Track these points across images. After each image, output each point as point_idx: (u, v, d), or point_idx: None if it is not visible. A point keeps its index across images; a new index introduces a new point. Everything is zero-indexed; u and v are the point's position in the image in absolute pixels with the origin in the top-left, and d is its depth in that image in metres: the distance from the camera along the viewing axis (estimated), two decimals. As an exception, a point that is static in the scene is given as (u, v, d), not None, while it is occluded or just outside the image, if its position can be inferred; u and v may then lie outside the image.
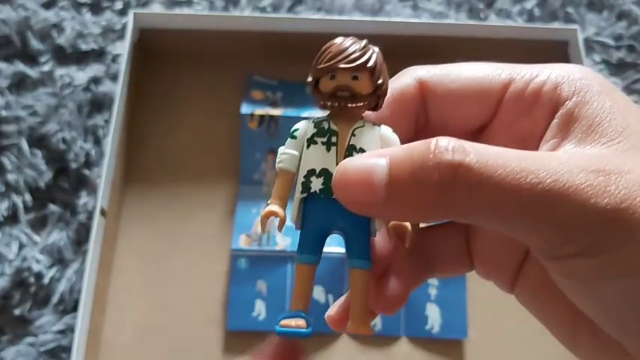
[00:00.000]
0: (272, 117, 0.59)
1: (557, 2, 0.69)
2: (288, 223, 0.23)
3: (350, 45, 0.23)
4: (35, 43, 0.64)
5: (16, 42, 0.64)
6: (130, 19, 0.60)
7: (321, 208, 0.23)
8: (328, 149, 0.23)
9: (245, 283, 0.54)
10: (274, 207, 0.23)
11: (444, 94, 0.25)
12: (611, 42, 0.67)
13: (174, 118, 0.62)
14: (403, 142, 0.25)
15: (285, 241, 0.56)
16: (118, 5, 0.67)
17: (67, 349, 0.51)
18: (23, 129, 0.59)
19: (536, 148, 0.23)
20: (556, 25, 0.68)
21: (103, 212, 0.53)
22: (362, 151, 0.23)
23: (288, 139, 0.24)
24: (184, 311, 0.54)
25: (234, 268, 0.55)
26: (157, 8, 0.67)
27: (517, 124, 0.24)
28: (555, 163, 0.20)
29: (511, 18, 0.68)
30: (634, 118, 0.22)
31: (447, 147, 0.20)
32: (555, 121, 0.23)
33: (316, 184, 0.23)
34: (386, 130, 0.23)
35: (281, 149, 0.24)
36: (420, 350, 0.53)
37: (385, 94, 0.24)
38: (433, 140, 0.20)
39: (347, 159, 0.22)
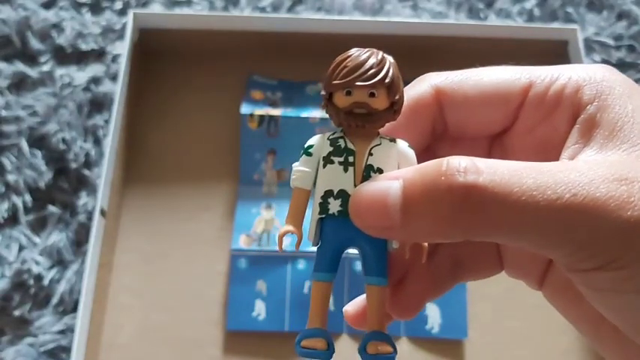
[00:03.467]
0: (272, 117, 0.59)
1: (557, 2, 0.69)
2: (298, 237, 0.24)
3: (367, 59, 0.22)
4: (35, 43, 0.64)
5: (16, 42, 0.64)
6: (129, 19, 0.60)
7: (339, 228, 0.23)
8: (345, 169, 0.22)
9: (245, 283, 0.54)
10: (290, 227, 0.23)
11: (462, 100, 0.24)
12: (611, 42, 0.67)
13: (174, 118, 0.62)
14: (421, 149, 0.25)
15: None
16: (118, 5, 0.67)
17: (67, 350, 0.51)
18: (23, 129, 0.59)
19: (558, 152, 0.23)
20: (556, 25, 0.68)
21: (102, 212, 0.53)
22: (379, 170, 0.22)
23: (303, 155, 0.23)
24: (184, 311, 0.54)
25: (234, 268, 0.55)
26: (156, 8, 0.67)
27: (538, 129, 0.24)
28: (574, 175, 0.19)
29: (511, 18, 0.68)
30: None
31: (458, 167, 0.19)
32: (577, 126, 0.22)
33: (334, 205, 0.22)
34: (402, 146, 0.23)
35: (295, 165, 0.24)
36: (420, 350, 0.53)
37: (401, 107, 0.23)
38: (444, 161, 0.20)
39: (362, 184, 0.22)
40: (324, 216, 0.23)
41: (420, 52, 0.63)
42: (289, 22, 0.62)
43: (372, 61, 0.22)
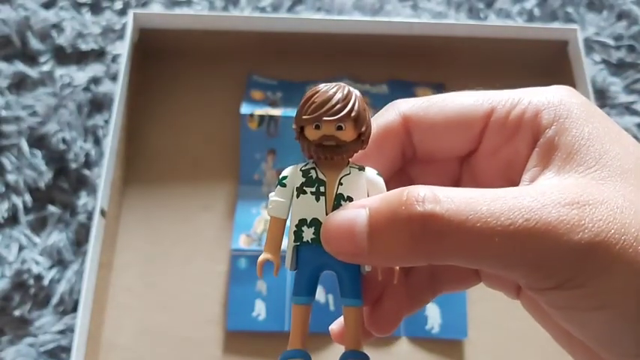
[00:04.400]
0: (272, 117, 0.59)
1: (557, 2, 0.69)
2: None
3: (333, 95, 0.23)
4: (35, 43, 0.64)
5: (16, 42, 0.64)
6: (129, 19, 0.60)
7: (314, 254, 0.24)
8: (317, 199, 0.24)
9: (245, 283, 0.54)
10: (269, 255, 0.25)
11: (428, 126, 0.25)
12: (611, 42, 0.67)
13: (174, 118, 0.62)
14: (392, 173, 0.27)
15: (285, 241, 0.56)
16: (118, 5, 0.67)
17: (67, 350, 0.51)
18: (23, 129, 0.59)
19: (521, 173, 0.24)
20: (556, 25, 0.68)
21: (102, 212, 0.53)
22: (349, 199, 0.24)
23: (278, 186, 0.25)
24: (184, 311, 0.54)
25: (234, 268, 0.55)
26: (156, 8, 0.67)
27: (501, 151, 0.25)
28: (528, 200, 0.20)
29: (511, 18, 0.68)
30: (613, 143, 0.22)
31: (417, 197, 0.20)
32: (536, 149, 0.23)
33: (308, 233, 0.24)
34: (371, 174, 0.25)
35: (271, 195, 0.25)
36: (420, 350, 0.53)
37: (369, 137, 0.24)
38: (405, 190, 0.21)
39: (332, 213, 0.23)
40: (299, 243, 0.24)
41: (420, 52, 0.63)
42: (289, 22, 0.62)
43: (338, 96, 0.23)
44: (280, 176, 0.25)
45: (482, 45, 0.62)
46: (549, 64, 0.64)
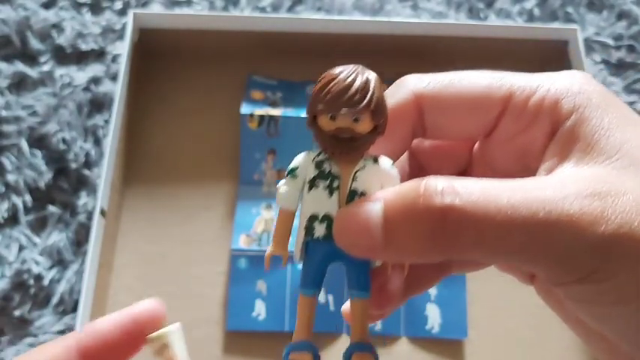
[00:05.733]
0: (272, 117, 0.59)
1: (557, 2, 0.69)
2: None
3: (352, 83, 0.22)
4: (35, 43, 0.64)
5: (16, 42, 0.64)
6: (129, 19, 0.60)
7: (324, 249, 0.23)
8: (330, 194, 0.23)
9: (245, 283, 0.54)
10: (277, 249, 0.25)
11: (443, 108, 0.25)
12: (611, 42, 0.67)
13: (174, 118, 0.62)
14: (401, 153, 0.26)
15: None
16: (118, 5, 0.67)
17: (67, 350, 0.51)
18: (23, 129, 0.59)
19: (537, 160, 0.23)
20: (556, 25, 0.68)
21: (102, 212, 0.53)
22: (363, 194, 0.23)
23: (288, 177, 0.24)
24: (184, 311, 0.54)
25: (234, 268, 0.55)
26: (156, 8, 0.67)
27: (517, 139, 0.24)
28: (549, 192, 0.19)
29: (511, 18, 0.68)
30: (633, 131, 0.22)
31: (435, 189, 0.20)
32: (556, 139, 0.23)
33: (319, 230, 0.23)
34: (385, 166, 0.24)
35: (280, 185, 0.24)
36: (420, 350, 0.53)
37: (385, 128, 0.23)
38: (422, 182, 0.20)
39: (345, 207, 0.22)
40: (310, 239, 0.23)
41: (420, 52, 0.63)
42: (289, 22, 0.62)
43: (356, 85, 0.22)
44: (291, 166, 0.24)
45: (482, 45, 0.62)
46: (549, 64, 0.64)
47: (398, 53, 0.63)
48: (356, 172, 0.23)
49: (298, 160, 0.24)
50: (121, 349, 0.24)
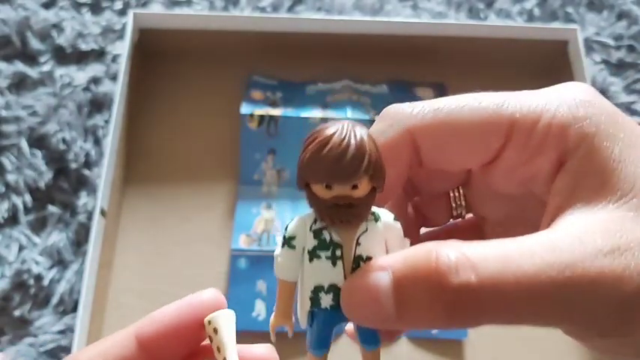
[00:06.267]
0: (272, 117, 0.59)
1: (557, 2, 0.69)
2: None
3: (346, 148, 0.20)
4: (35, 43, 0.64)
5: (16, 42, 0.64)
6: (129, 19, 0.60)
7: (332, 317, 0.22)
8: (334, 264, 0.22)
9: (245, 283, 0.54)
10: (282, 321, 0.24)
11: (440, 144, 0.23)
12: (611, 42, 0.67)
13: (174, 118, 0.62)
14: (397, 189, 0.24)
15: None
16: (118, 5, 0.67)
17: (67, 350, 0.51)
18: (23, 129, 0.59)
19: (542, 187, 0.22)
20: (556, 25, 0.68)
21: (102, 212, 0.53)
22: (369, 259, 0.22)
23: (286, 247, 0.22)
24: (184, 311, 0.54)
25: (234, 268, 0.55)
26: (156, 8, 0.67)
27: (521, 169, 0.23)
28: (567, 254, 0.19)
29: (511, 18, 0.68)
30: None
31: (448, 264, 0.19)
32: (564, 172, 0.22)
33: (326, 300, 0.22)
34: (387, 220, 0.22)
35: (278, 256, 0.23)
36: (420, 350, 0.53)
37: (384, 184, 0.22)
38: (433, 254, 0.19)
39: (351, 279, 0.21)
40: (316, 310, 0.22)
41: (420, 52, 0.63)
42: (289, 22, 0.62)
43: (351, 150, 0.20)
44: (287, 235, 0.22)
45: (482, 45, 0.62)
46: (549, 64, 0.64)
47: (398, 53, 0.63)
48: (359, 237, 0.22)
49: (294, 228, 0.22)
50: (181, 339, 0.23)
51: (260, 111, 0.59)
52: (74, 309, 0.52)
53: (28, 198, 0.56)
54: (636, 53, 0.67)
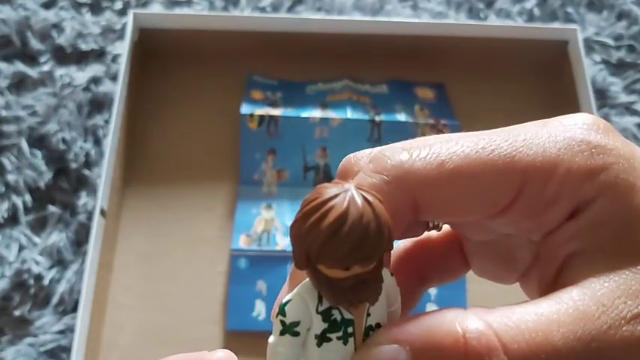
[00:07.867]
0: (272, 117, 0.59)
1: (557, 2, 0.69)
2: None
3: (367, 229, 0.18)
4: (35, 43, 0.64)
5: (16, 42, 0.64)
6: (129, 19, 0.60)
7: None
8: (345, 342, 0.20)
9: (245, 283, 0.54)
10: None
11: (443, 209, 0.22)
12: (611, 42, 0.67)
13: (174, 118, 0.62)
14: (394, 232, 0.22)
15: (285, 241, 0.56)
16: (118, 5, 0.67)
17: (67, 350, 0.51)
18: (23, 129, 0.59)
19: (553, 234, 0.21)
20: (556, 25, 0.68)
21: (102, 212, 0.53)
22: (379, 326, 0.20)
23: (287, 335, 0.20)
24: (184, 311, 0.54)
25: (234, 268, 0.55)
26: (156, 8, 0.67)
27: (528, 220, 0.22)
28: (590, 325, 0.18)
29: (511, 18, 0.68)
30: None
31: (478, 342, 0.18)
32: (576, 224, 0.21)
33: None
34: (388, 282, 0.21)
35: (276, 345, 0.20)
36: (420, 350, 0.53)
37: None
38: (457, 329, 0.18)
39: (361, 354, 0.19)
40: None
41: (420, 52, 0.63)
42: (289, 22, 0.62)
43: (372, 231, 0.18)
44: (288, 321, 0.20)
45: (482, 45, 0.62)
46: (549, 64, 0.64)
47: (398, 53, 0.63)
48: (369, 309, 0.20)
49: (295, 312, 0.20)
50: None
51: (260, 111, 0.59)
52: (74, 309, 0.52)
53: (28, 198, 0.57)
54: (636, 53, 0.67)
